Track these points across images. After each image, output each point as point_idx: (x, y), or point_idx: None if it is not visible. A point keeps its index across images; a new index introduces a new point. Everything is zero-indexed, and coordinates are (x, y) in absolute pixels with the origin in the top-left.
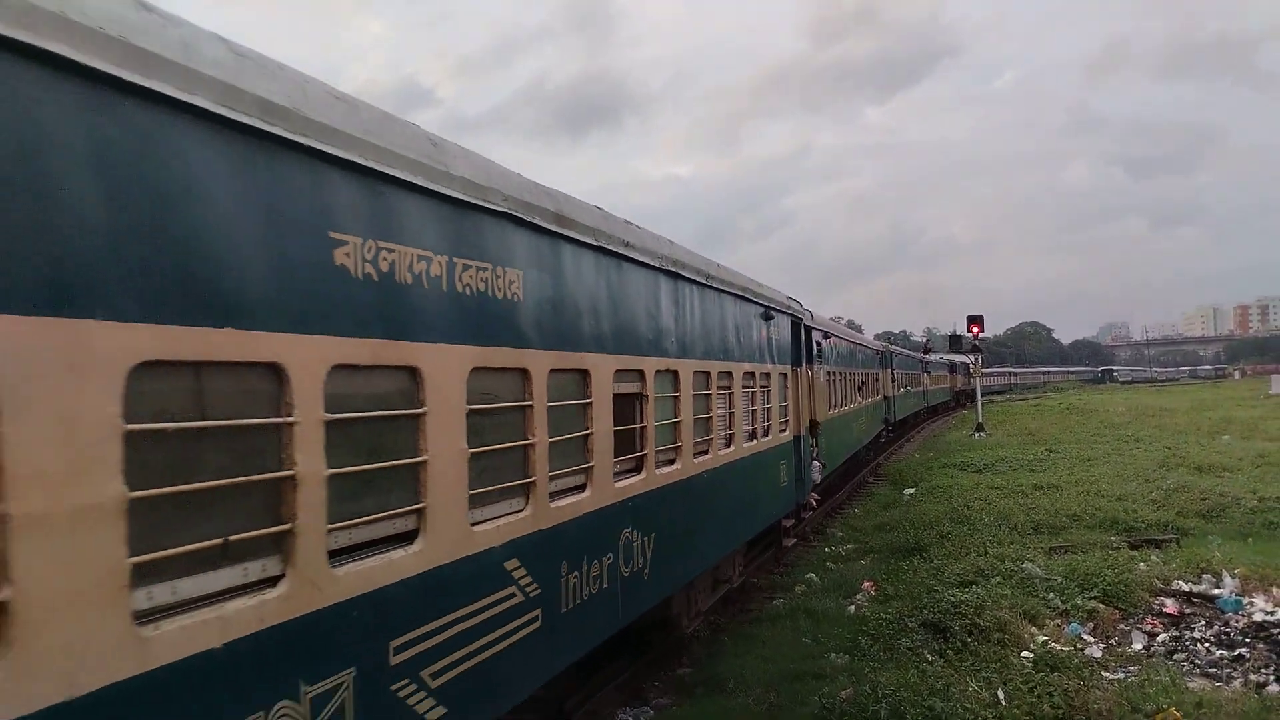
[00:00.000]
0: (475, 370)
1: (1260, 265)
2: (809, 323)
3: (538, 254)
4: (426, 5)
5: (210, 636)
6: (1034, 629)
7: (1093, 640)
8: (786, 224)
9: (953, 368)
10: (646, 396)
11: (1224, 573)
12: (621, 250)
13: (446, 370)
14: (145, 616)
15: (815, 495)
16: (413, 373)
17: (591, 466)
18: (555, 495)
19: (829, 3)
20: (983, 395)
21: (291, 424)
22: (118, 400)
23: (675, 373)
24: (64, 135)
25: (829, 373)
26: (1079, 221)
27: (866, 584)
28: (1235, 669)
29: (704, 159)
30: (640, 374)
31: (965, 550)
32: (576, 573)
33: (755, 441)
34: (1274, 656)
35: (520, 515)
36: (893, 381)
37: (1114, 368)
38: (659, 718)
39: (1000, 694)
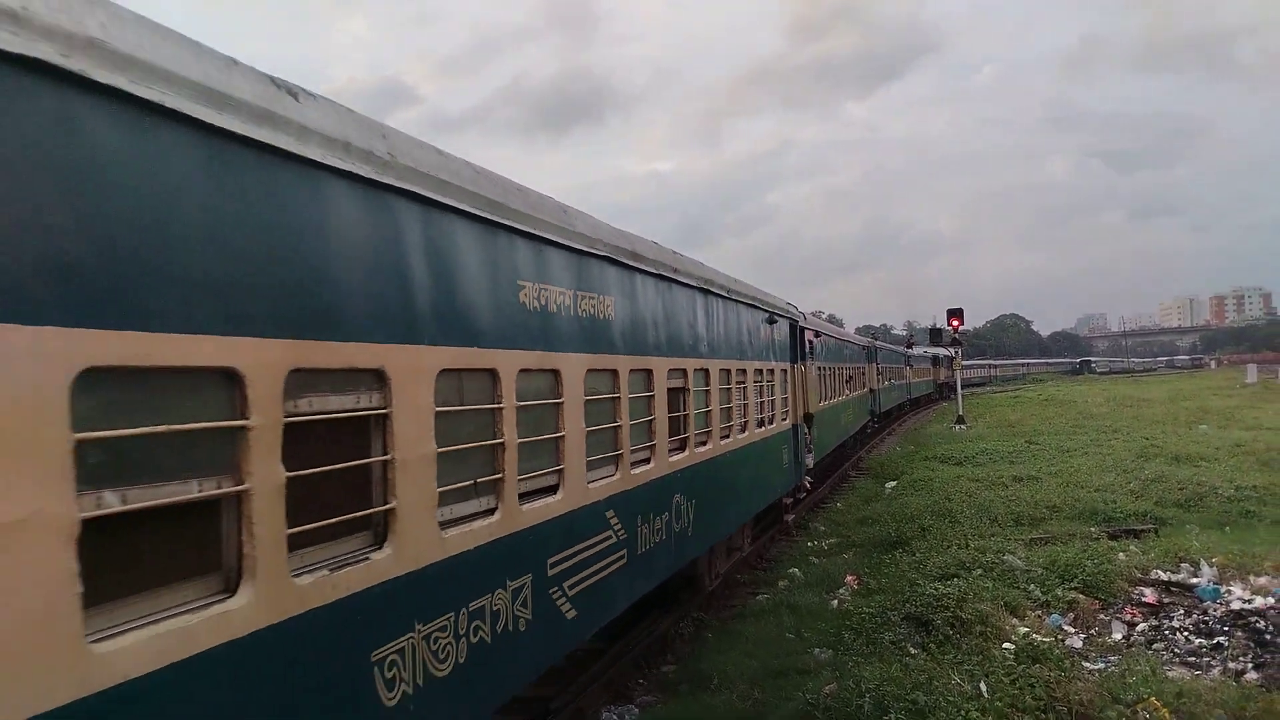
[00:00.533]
0: (589, 371)
1: (1236, 255)
2: (803, 324)
3: (621, 283)
4: (409, 5)
5: (468, 542)
6: (1015, 621)
7: (1073, 631)
8: (769, 219)
9: (935, 360)
10: (688, 390)
11: (1202, 562)
12: (670, 275)
13: (573, 371)
14: (442, 526)
15: (809, 478)
16: (555, 374)
17: (654, 444)
18: (633, 465)
19: (810, 1)
20: (964, 388)
21: (501, 408)
22: (432, 393)
23: (707, 370)
24: (414, 237)
25: (820, 368)
26: (1058, 214)
27: (849, 578)
28: (1214, 657)
29: (687, 155)
30: (684, 372)
31: (947, 543)
32: (646, 525)
33: (764, 429)
34: (1252, 645)
35: (613, 478)
36: (878, 375)
37: (1092, 359)
38: (644, 716)
39: (983, 686)
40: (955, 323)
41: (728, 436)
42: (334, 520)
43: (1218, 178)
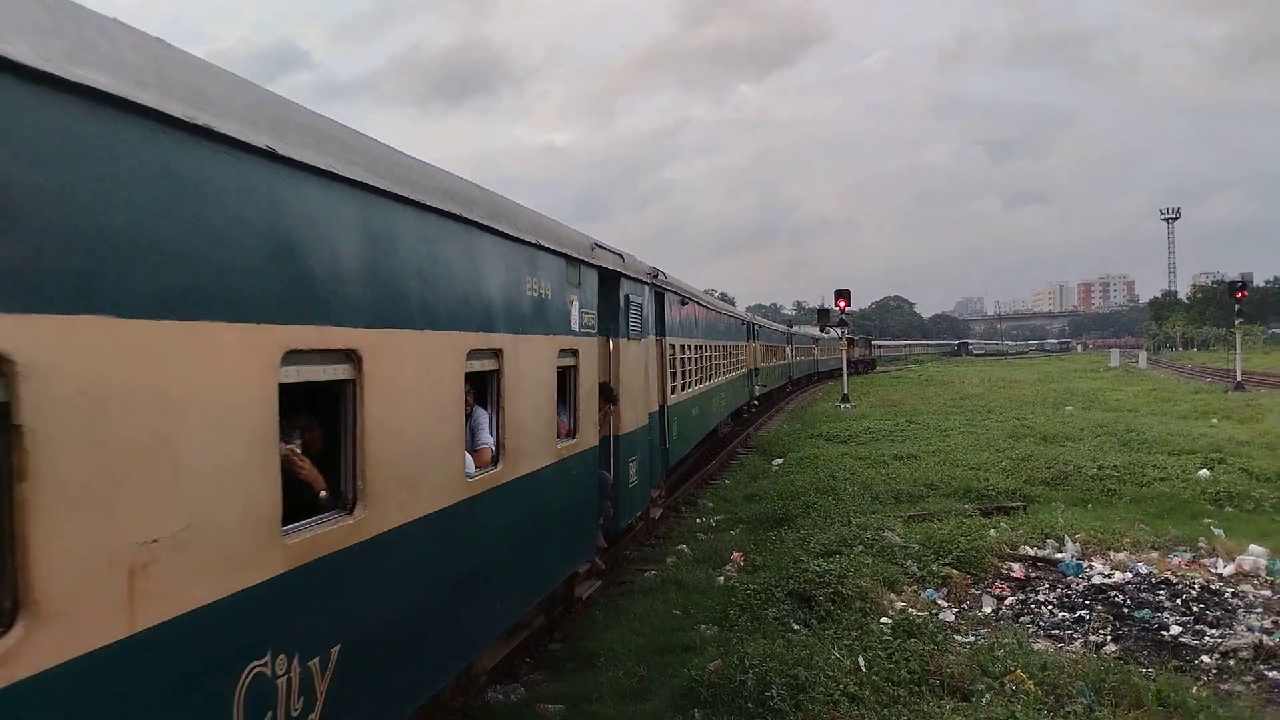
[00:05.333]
0: (709, 345)
1: (1103, 244)
2: (751, 321)
3: (694, 315)
4: None
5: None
6: (893, 596)
7: (947, 605)
8: (664, 196)
9: (851, 342)
10: (717, 355)
11: (1066, 538)
12: (721, 310)
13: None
14: None
15: (755, 400)
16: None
17: (692, 379)
18: (692, 387)
19: None
20: (854, 366)
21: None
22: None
23: (724, 345)
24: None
25: (760, 345)
26: (939, 199)
27: (736, 554)
28: (1076, 630)
29: (582, 130)
30: (715, 345)
31: (830, 520)
32: (695, 411)
33: (739, 371)
34: (1111, 618)
35: (680, 393)
36: (791, 351)
37: (969, 341)
38: (531, 695)
39: (861, 661)
40: (842, 303)
41: (728, 372)
42: None
43: (1083, 169)
